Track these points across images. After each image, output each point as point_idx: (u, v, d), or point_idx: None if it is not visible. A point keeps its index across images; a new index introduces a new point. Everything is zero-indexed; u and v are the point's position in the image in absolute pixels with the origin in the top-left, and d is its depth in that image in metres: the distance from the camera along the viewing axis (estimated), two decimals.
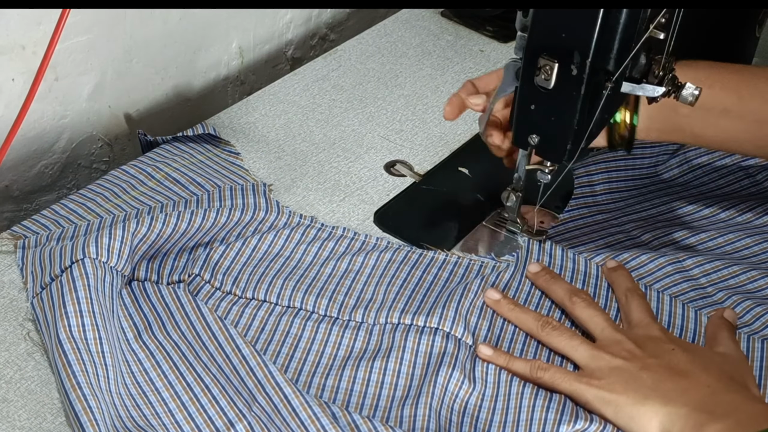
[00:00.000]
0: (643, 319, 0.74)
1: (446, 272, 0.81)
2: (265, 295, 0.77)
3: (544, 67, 0.70)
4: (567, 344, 0.72)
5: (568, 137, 0.73)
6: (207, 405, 0.67)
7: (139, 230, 0.76)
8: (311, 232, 0.84)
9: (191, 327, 0.72)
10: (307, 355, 0.74)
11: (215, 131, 0.93)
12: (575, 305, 0.75)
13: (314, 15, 1.23)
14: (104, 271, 0.73)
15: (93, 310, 0.69)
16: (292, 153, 0.95)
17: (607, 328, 0.72)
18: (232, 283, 0.78)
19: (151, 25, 0.99)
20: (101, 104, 0.99)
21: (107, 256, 0.73)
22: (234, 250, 0.80)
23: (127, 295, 0.75)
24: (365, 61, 1.11)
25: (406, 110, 1.03)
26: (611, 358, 0.69)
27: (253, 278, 0.79)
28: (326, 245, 0.83)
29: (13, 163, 0.92)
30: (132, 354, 0.71)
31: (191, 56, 1.07)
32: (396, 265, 0.81)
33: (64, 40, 0.90)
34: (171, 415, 0.67)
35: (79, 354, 0.67)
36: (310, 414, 0.64)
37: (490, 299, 0.77)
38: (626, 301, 0.76)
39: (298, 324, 0.76)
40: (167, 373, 0.70)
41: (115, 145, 1.03)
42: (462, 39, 1.16)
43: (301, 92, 1.04)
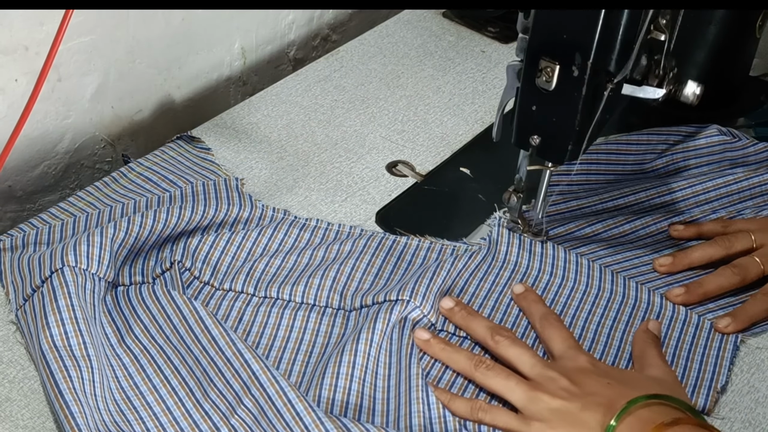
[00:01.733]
0: (566, 349, 0.72)
1: (420, 258, 0.82)
2: (242, 287, 0.78)
3: (545, 69, 0.70)
4: (503, 385, 0.69)
5: (569, 138, 0.73)
6: (192, 409, 0.67)
7: (117, 236, 0.76)
8: (284, 225, 0.85)
9: (175, 330, 0.72)
10: (285, 343, 0.74)
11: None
12: (498, 344, 0.72)
13: (316, 16, 1.23)
14: (85, 279, 0.73)
15: (75, 317, 0.69)
16: (294, 153, 0.95)
17: (537, 365, 0.70)
18: (210, 275, 0.79)
19: (153, 26, 0.99)
20: (104, 105, 0.99)
21: (87, 263, 0.73)
22: (207, 244, 0.81)
23: (111, 300, 0.75)
24: (367, 61, 1.11)
25: (408, 111, 1.03)
26: (550, 399, 0.67)
27: (231, 270, 0.79)
28: (302, 236, 0.84)
29: (16, 164, 0.92)
30: (116, 358, 0.71)
31: (194, 57, 1.07)
32: (371, 251, 0.82)
33: (67, 41, 0.90)
34: (156, 418, 0.67)
35: (61, 362, 0.66)
36: (294, 415, 0.64)
37: (420, 339, 0.74)
38: (543, 330, 0.75)
39: (276, 313, 0.77)
40: (152, 377, 0.70)
41: (117, 146, 1.03)
42: (463, 40, 1.16)
43: (303, 93, 1.05)
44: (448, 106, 1.04)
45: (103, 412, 0.66)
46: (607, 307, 0.79)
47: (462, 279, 0.80)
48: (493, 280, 0.80)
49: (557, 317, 0.76)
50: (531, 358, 0.71)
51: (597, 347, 0.75)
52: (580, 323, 0.78)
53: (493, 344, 0.73)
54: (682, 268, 0.82)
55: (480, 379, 0.71)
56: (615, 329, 0.77)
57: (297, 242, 0.83)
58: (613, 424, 0.63)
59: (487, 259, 0.82)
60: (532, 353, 0.72)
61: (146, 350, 0.72)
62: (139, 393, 0.69)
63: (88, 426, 0.63)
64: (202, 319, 0.71)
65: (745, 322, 0.77)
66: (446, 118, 1.02)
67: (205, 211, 0.81)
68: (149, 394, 0.69)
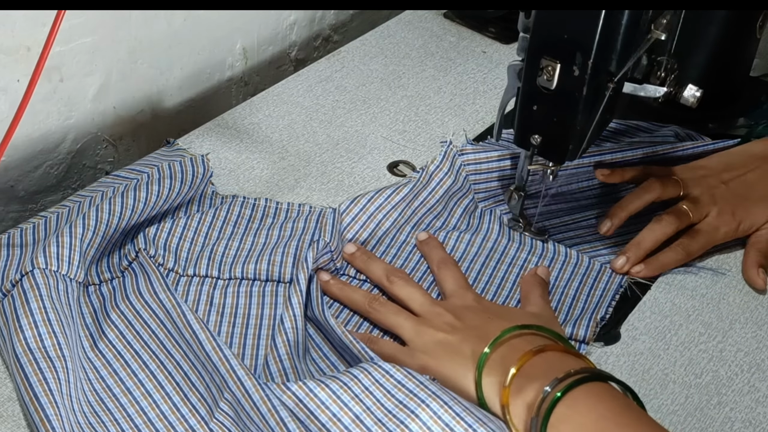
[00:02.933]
0: (456, 288, 0.76)
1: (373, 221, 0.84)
2: (206, 271, 0.79)
3: (546, 68, 0.70)
4: (394, 320, 0.74)
5: (569, 138, 0.73)
6: (167, 412, 0.67)
7: (86, 234, 0.75)
8: (236, 206, 0.86)
9: (153, 335, 0.72)
10: (260, 320, 0.75)
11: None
12: (393, 284, 0.77)
13: (318, 17, 1.24)
14: (56, 280, 0.72)
15: (49, 319, 0.68)
16: (296, 153, 0.95)
17: (426, 303, 0.74)
18: (174, 261, 0.79)
19: (155, 27, 1.00)
20: (106, 105, 0.99)
21: (57, 264, 0.73)
22: (165, 231, 0.81)
23: (84, 301, 0.75)
24: (368, 62, 1.11)
25: (409, 111, 1.03)
26: (434, 332, 0.71)
27: (192, 256, 0.80)
28: (255, 216, 0.86)
29: (18, 164, 0.93)
30: (89, 362, 0.71)
31: (195, 57, 1.07)
32: (317, 226, 0.84)
33: (69, 41, 0.91)
34: (130, 419, 0.67)
35: (36, 365, 0.65)
36: (269, 408, 0.63)
37: (321, 280, 0.78)
38: (438, 271, 0.79)
39: (244, 293, 0.77)
40: (125, 379, 0.70)
41: (119, 146, 1.03)
42: (464, 40, 1.17)
43: (304, 93, 1.05)
44: (449, 106, 1.04)
45: (78, 413, 0.65)
46: (504, 252, 0.83)
47: (371, 225, 0.83)
48: (399, 227, 0.84)
49: (453, 261, 0.80)
50: (421, 296, 0.75)
51: (490, 288, 0.80)
52: (476, 267, 0.82)
53: (388, 284, 0.77)
54: (622, 221, 0.84)
55: (373, 315, 0.75)
56: (509, 272, 0.81)
57: (251, 223, 0.85)
58: (486, 352, 0.67)
59: (400, 205, 0.84)
60: (423, 292, 0.75)
61: (120, 355, 0.71)
62: (112, 395, 0.69)
63: (63, 428, 0.63)
64: (184, 314, 0.70)
65: (656, 270, 0.82)
66: (447, 118, 1.02)
67: (171, 186, 0.82)
68: (122, 395, 0.68)
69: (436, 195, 0.86)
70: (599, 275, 0.82)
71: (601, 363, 0.75)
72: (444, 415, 0.61)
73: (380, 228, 0.83)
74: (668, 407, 0.71)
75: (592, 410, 0.61)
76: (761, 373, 0.75)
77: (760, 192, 0.86)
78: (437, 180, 0.86)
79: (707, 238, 0.83)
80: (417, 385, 0.63)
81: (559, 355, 0.66)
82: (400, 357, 0.70)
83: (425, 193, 0.85)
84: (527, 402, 0.63)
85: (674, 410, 0.71)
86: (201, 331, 0.68)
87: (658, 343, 0.77)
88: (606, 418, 0.60)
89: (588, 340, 0.75)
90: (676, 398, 0.72)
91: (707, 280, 0.83)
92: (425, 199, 0.85)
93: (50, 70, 0.91)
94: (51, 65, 0.90)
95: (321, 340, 0.74)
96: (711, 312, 0.80)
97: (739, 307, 0.81)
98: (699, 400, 0.72)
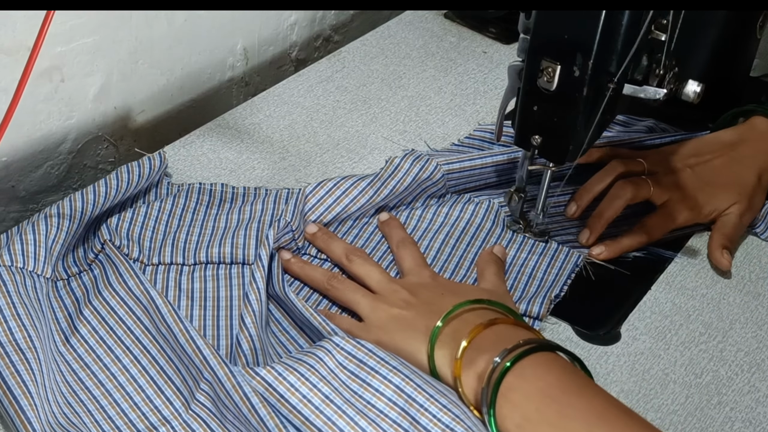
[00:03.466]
0: (413, 267, 0.78)
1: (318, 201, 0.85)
2: (171, 258, 0.79)
3: (546, 69, 0.70)
4: (351, 297, 0.75)
5: (570, 138, 0.74)
6: (140, 403, 0.68)
7: (50, 231, 0.75)
8: (193, 193, 0.86)
9: (129, 331, 0.72)
10: (230, 302, 0.76)
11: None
12: (352, 263, 0.78)
13: (318, 17, 1.24)
14: (23, 276, 0.72)
15: (18, 313, 0.68)
16: (297, 154, 0.96)
17: (383, 280, 0.75)
18: (138, 251, 0.79)
19: (156, 27, 1.00)
20: (107, 105, 0.99)
21: (23, 261, 0.72)
22: (126, 221, 0.82)
23: (53, 296, 0.75)
24: (369, 62, 1.11)
25: (410, 111, 1.03)
26: (389, 308, 0.72)
27: (155, 245, 0.80)
28: (213, 202, 0.86)
29: (19, 164, 0.93)
30: (60, 356, 0.70)
31: (196, 58, 1.07)
32: (275, 207, 0.85)
33: (70, 41, 0.91)
34: (103, 411, 0.67)
35: (7, 358, 0.65)
36: (241, 395, 0.64)
37: (282, 258, 0.79)
38: (397, 251, 0.81)
39: (211, 276, 0.78)
40: (97, 372, 0.70)
41: (120, 146, 1.03)
42: (465, 40, 1.17)
43: (305, 93, 1.05)
44: (449, 106, 1.04)
45: (53, 404, 0.66)
46: (464, 231, 0.85)
47: (336, 209, 0.84)
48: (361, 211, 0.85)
49: (412, 241, 0.82)
50: (379, 274, 0.76)
51: (448, 267, 0.82)
52: (436, 245, 0.83)
53: (347, 263, 0.78)
54: (588, 202, 0.86)
55: (332, 292, 0.77)
56: (468, 251, 0.83)
57: (209, 209, 0.85)
58: (439, 326, 0.68)
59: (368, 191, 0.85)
60: (381, 270, 0.77)
61: (92, 350, 0.71)
62: (84, 387, 0.69)
63: (39, 419, 0.63)
64: (157, 306, 0.71)
65: (617, 252, 0.84)
66: (448, 118, 1.02)
67: (119, 186, 0.81)
68: (95, 388, 0.69)
69: (404, 183, 0.86)
70: (556, 254, 0.84)
71: (602, 363, 0.75)
72: (406, 387, 0.63)
73: (346, 212, 0.84)
74: (668, 407, 0.72)
75: (540, 378, 0.62)
76: (761, 373, 0.75)
77: (724, 178, 0.87)
78: (405, 169, 0.86)
79: (669, 221, 0.85)
80: (378, 362, 0.65)
81: (509, 328, 0.67)
82: (356, 332, 0.72)
83: (394, 182, 0.86)
84: (478, 373, 0.64)
85: (674, 410, 0.71)
86: (174, 323, 0.69)
87: (658, 343, 0.77)
88: (553, 386, 0.62)
89: (542, 317, 0.77)
90: (676, 398, 0.72)
91: (707, 280, 0.83)
92: (394, 187, 0.85)
93: (51, 71, 0.91)
94: (52, 65, 0.90)
95: (281, 315, 0.76)
96: (711, 312, 0.80)
97: (740, 307, 0.81)
98: (699, 399, 0.73)
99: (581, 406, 0.61)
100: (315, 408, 0.63)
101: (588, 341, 0.77)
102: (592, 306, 0.81)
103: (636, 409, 0.69)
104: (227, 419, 0.65)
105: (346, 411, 0.63)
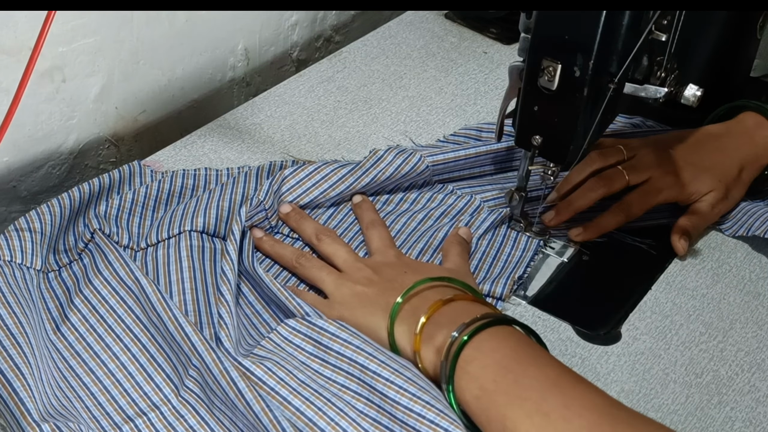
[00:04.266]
0: (380, 247, 0.79)
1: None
2: (156, 238, 0.79)
3: (547, 69, 0.71)
4: (317, 275, 0.76)
5: (570, 138, 0.74)
6: (130, 389, 0.68)
7: (34, 227, 0.76)
8: (177, 179, 0.87)
9: (119, 320, 0.72)
10: (204, 275, 0.76)
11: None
12: (321, 242, 0.79)
13: (319, 17, 1.24)
14: (12, 269, 0.73)
15: (8, 302, 0.69)
16: (297, 154, 0.96)
17: (349, 259, 0.77)
18: (128, 238, 0.80)
19: (157, 28, 1.00)
20: (108, 105, 0.99)
21: (10, 254, 0.74)
22: (114, 207, 0.83)
23: (46, 290, 0.76)
24: (370, 62, 1.11)
25: (411, 111, 1.03)
26: (353, 285, 0.74)
27: (143, 231, 0.81)
28: (198, 185, 0.88)
29: (20, 164, 0.93)
30: (51, 344, 0.71)
31: (197, 58, 1.08)
32: (253, 182, 0.87)
33: (72, 42, 0.91)
34: (93, 397, 0.68)
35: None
36: (228, 381, 0.65)
37: (255, 236, 0.81)
38: (367, 231, 0.82)
39: (185, 247, 0.78)
40: (87, 360, 0.70)
41: (121, 146, 1.03)
42: (466, 41, 1.17)
43: (306, 94, 1.05)
44: (450, 107, 1.04)
45: (47, 387, 0.66)
46: (438, 219, 0.87)
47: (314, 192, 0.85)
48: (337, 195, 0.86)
49: (382, 222, 0.83)
50: (346, 253, 0.78)
51: (417, 246, 0.83)
52: (408, 229, 0.85)
53: (316, 242, 0.80)
54: (566, 192, 0.86)
55: (299, 270, 0.78)
56: (437, 232, 0.84)
57: (194, 192, 0.87)
58: (399, 302, 0.70)
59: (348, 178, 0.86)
60: (348, 249, 0.78)
61: (82, 338, 0.72)
62: (75, 374, 0.69)
63: (33, 399, 0.63)
64: (147, 294, 0.71)
65: (595, 233, 0.85)
66: (448, 118, 1.02)
67: (101, 183, 0.83)
68: (85, 375, 0.69)
69: (386, 173, 0.87)
70: (518, 236, 0.86)
71: (602, 363, 0.75)
72: (370, 365, 0.66)
73: (324, 197, 0.85)
74: (669, 407, 0.72)
75: (497, 350, 0.64)
76: (762, 372, 0.75)
77: (708, 162, 0.88)
78: (387, 161, 0.87)
79: (649, 197, 0.85)
80: (342, 345, 0.68)
81: (468, 304, 0.69)
82: (320, 307, 0.73)
83: (375, 172, 0.87)
84: (437, 347, 0.66)
85: (675, 410, 0.72)
86: (163, 311, 0.70)
87: (658, 342, 0.77)
88: (509, 357, 0.64)
89: (505, 297, 0.79)
90: (676, 398, 0.72)
91: (708, 280, 0.83)
92: (375, 176, 0.86)
93: (52, 71, 0.91)
94: (53, 66, 0.91)
95: (248, 290, 0.77)
96: (711, 312, 0.80)
97: (740, 306, 0.81)
98: (699, 399, 0.73)
99: (536, 375, 0.62)
100: (292, 389, 0.66)
101: (588, 341, 0.77)
102: (592, 306, 0.81)
103: (637, 408, 0.69)
104: (215, 405, 0.66)
105: (311, 388, 0.66)
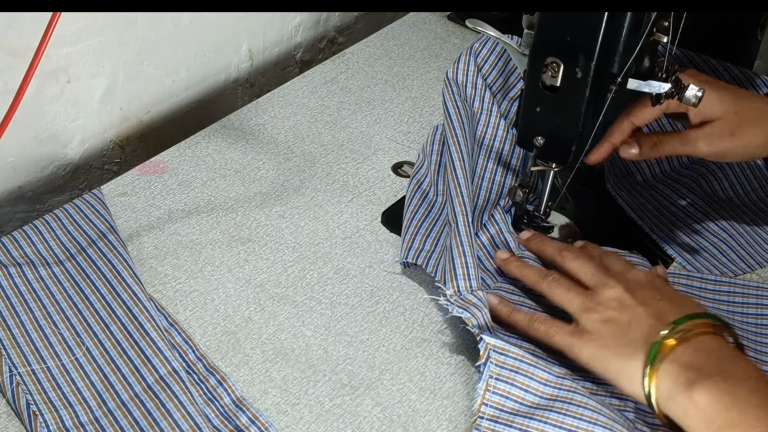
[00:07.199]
0: (622, 268, 0.73)
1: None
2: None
3: (549, 68, 0.71)
4: (564, 296, 0.71)
5: (572, 139, 0.74)
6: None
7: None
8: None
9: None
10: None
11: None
12: (564, 259, 0.75)
13: (323, 19, 1.24)
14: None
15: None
16: (301, 154, 0.96)
17: (597, 274, 0.71)
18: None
19: (161, 29, 1.00)
20: (113, 106, 1.00)
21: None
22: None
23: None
24: (373, 63, 1.12)
25: (414, 112, 1.04)
26: (604, 310, 0.68)
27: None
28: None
29: (25, 165, 0.93)
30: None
31: (201, 59, 1.08)
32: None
33: (77, 43, 0.91)
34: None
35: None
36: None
37: (499, 258, 0.79)
38: (564, 262, 0.76)
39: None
40: (55, 344, 0.73)
41: (126, 147, 1.04)
42: (468, 42, 1.17)
43: (309, 94, 1.05)
44: None
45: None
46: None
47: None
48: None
49: (573, 248, 0.78)
50: (593, 268, 0.72)
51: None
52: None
53: (560, 259, 0.75)
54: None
55: (546, 290, 0.73)
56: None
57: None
58: (664, 334, 0.64)
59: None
60: (595, 263, 0.73)
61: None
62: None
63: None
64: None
65: (653, 154, 0.80)
66: None
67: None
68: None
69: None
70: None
71: None
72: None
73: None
74: None
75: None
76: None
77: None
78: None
79: (714, 139, 0.78)
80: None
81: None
82: (560, 332, 0.69)
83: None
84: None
85: None
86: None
87: None
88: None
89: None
90: None
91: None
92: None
93: (58, 72, 0.91)
94: (58, 66, 0.91)
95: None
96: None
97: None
98: None
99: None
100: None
101: None
102: None
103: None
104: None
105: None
